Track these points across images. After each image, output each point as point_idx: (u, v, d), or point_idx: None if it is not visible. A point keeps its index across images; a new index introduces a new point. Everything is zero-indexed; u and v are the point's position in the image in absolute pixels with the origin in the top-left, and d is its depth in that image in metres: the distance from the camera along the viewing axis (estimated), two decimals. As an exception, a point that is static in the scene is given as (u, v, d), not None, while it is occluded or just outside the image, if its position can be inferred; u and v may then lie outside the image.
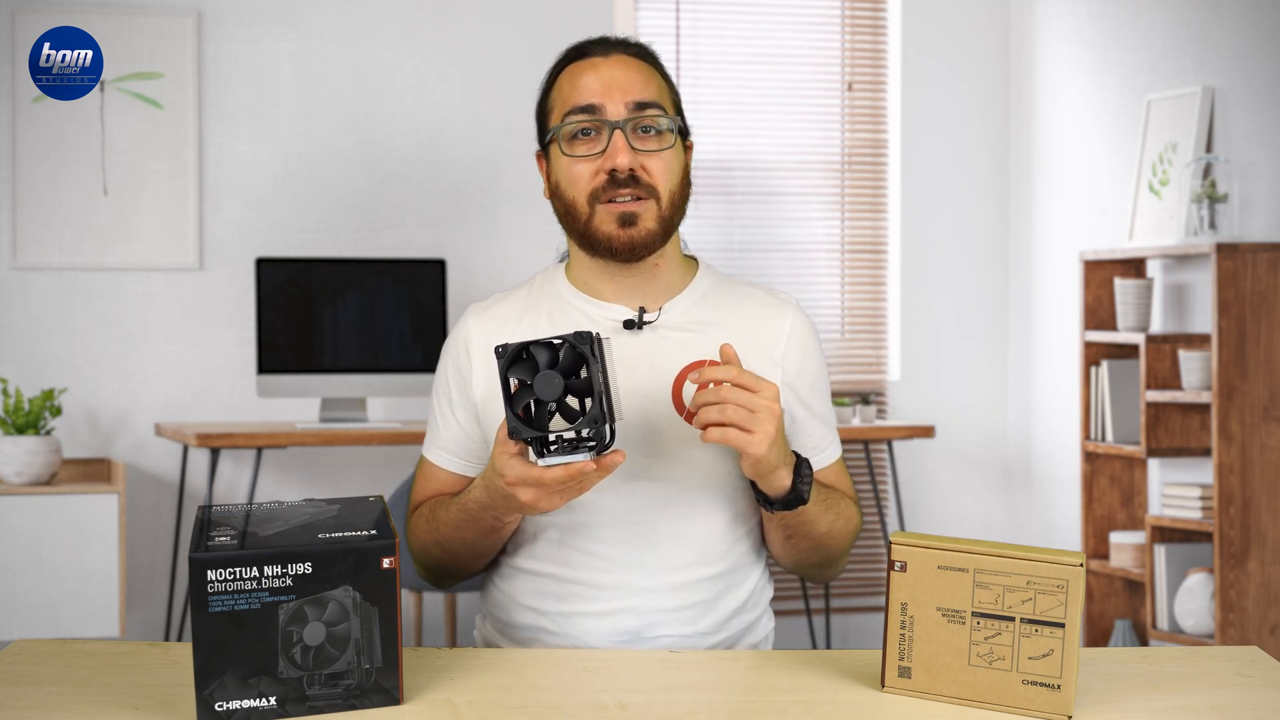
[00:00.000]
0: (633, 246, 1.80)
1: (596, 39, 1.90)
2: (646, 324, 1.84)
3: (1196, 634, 3.91)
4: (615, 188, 1.79)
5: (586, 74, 1.83)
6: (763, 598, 1.89)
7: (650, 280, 1.86)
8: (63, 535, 3.85)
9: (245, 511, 1.51)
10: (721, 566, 1.81)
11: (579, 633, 1.79)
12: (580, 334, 1.54)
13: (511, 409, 1.55)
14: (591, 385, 1.54)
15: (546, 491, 1.58)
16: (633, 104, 1.81)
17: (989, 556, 1.44)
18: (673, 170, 1.83)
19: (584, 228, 1.82)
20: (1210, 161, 4.04)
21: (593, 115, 1.80)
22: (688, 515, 1.80)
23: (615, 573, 1.79)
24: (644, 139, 1.81)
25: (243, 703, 1.37)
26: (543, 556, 1.82)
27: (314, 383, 4.25)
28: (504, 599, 1.86)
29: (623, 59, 1.85)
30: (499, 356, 1.56)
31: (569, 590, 1.80)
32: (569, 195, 1.82)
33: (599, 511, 1.79)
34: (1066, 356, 4.71)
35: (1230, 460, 3.79)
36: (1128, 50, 4.48)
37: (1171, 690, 1.52)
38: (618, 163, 1.78)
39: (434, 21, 4.63)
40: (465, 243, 4.62)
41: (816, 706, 1.46)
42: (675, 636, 1.78)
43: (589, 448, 1.55)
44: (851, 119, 5.03)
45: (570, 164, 1.82)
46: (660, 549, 1.79)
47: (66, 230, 4.38)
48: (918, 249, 5.01)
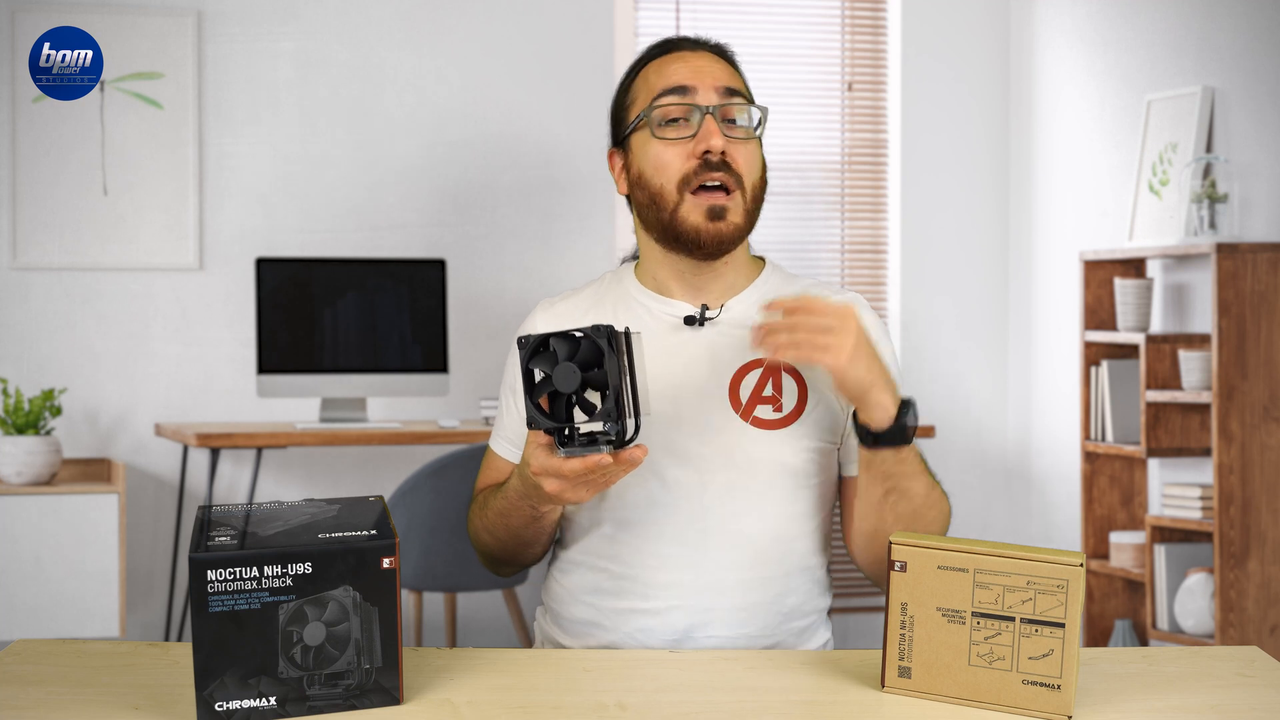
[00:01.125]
0: (720, 240, 1.80)
1: (682, 37, 1.92)
2: (708, 320, 1.83)
3: (1196, 634, 3.91)
4: (707, 171, 1.78)
5: (675, 63, 1.85)
6: (820, 604, 1.85)
7: (717, 278, 1.86)
8: (63, 535, 3.85)
9: (245, 511, 1.51)
10: (776, 568, 1.79)
11: (631, 629, 1.78)
12: (599, 327, 1.54)
13: (531, 399, 1.56)
14: (607, 379, 1.54)
15: (570, 483, 1.58)
16: (723, 89, 1.82)
17: (989, 556, 1.44)
18: (757, 161, 1.83)
19: (670, 218, 1.80)
20: (1210, 161, 4.04)
21: (684, 97, 1.81)
22: (742, 515, 1.78)
23: (667, 570, 1.78)
24: (732, 128, 1.82)
25: (243, 703, 1.37)
26: (596, 551, 1.82)
27: (314, 383, 4.25)
28: (561, 592, 1.86)
29: (708, 54, 1.87)
30: (520, 347, 1.56)
31: (622, 586, 1.79)
32: (656, 183, 1.81)
33: (651, 508, 1.78)
34: (1066, 356, 4.71)
35: (1230, 460, 3.78)
36: (1128, 50, 4.48)
37: (1171, 690, 1.52)
38: (711, 144, 1.78)
39: (434, 21, 4.63)
40: (465, 243, 4.62)
41: (816, 706, 1.45)
42: (725, 637, 1.77)
43: (608, 441, 1.55)
44: (851, 119, 5.03)
45: (661, 149, 1.80)
46: (713, 548, 1.78)
47: (66, 230, 4.38)
48: (918, 249, 5.01)
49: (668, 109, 1.81)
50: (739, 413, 1.79)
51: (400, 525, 3.72)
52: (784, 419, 1.80)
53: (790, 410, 1.81)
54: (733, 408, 1.79)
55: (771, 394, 1.80)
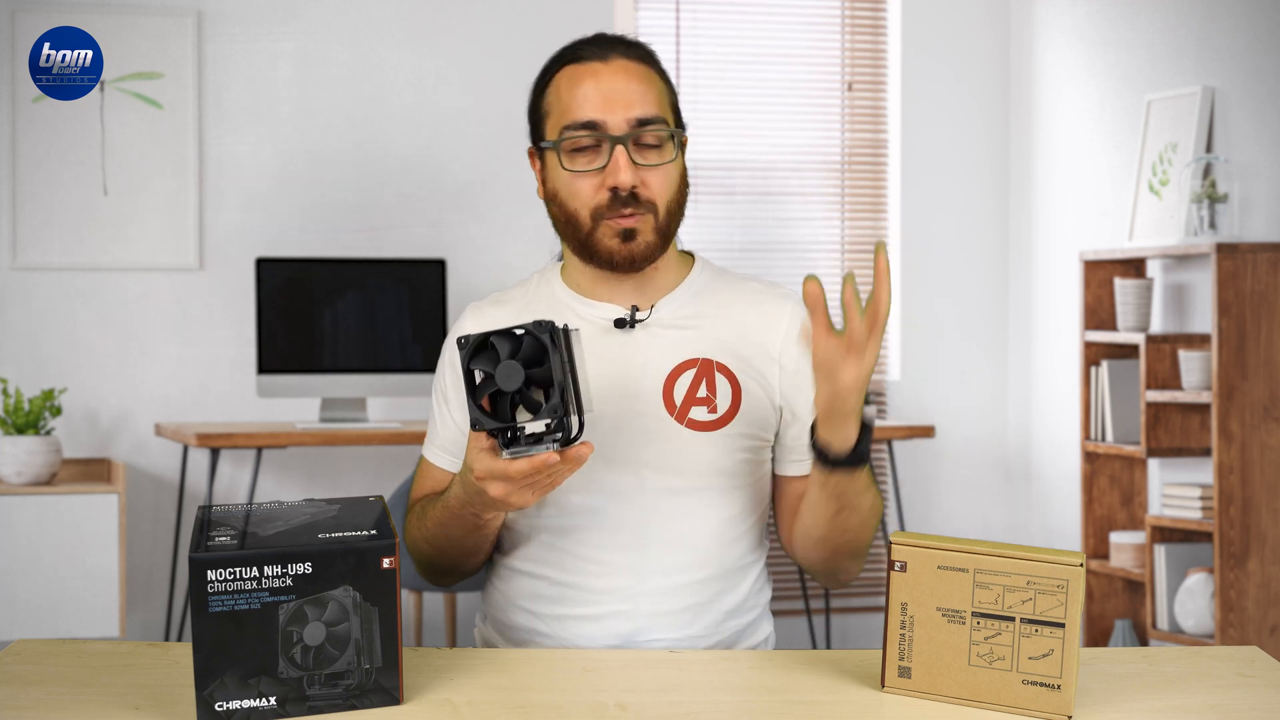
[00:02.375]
0: (633, 259, 1.80)
1: (591, 38, 1.87)
2: (638, 322, 1.83)
3: (1196, 634, 3.91)
4: (618, 205, 1.78)
5: (586, 82, 1.81)
6: (760, 599, 1.86)
7: (646, 280, 1.85)
8: (63, 535, 3.85)
9: (245, 511, 1.51)
10: (715, 569, 1.79)
11: (572, 636, 1.78)
12: (540, 323, 1.52)
13: (474, 400, 1.52)
14: (552, 376, 1.52)
15: (515, 485, 1.55)
16: (634, 120, 1.79)
17: (989, 556, 1.44)
18: (671, 181, 1.81)
19: (585, 239, 1.81)
20: (1210, 161, 4.04)
21: (593, 132, 1.79)
22: (679, 517, 1.78)
23: (607, 576, 1.77)
24: (645, 153, 1.80)
25: (243, 703, 1.37)
26: (536, 558, 1.81)
27: (314, 383, 4.25)
28: (501, 600, 1.85)
29: (622, 64, 1.82)
30: (460, 348, 1.53)
31: (562, 593, 1.79)
32: (570, 207, 1.81)
33: (589, 514, 1.78)
34: (1066, 356, 4.71)
35: (1230, 460, 3.78)
36: (1128, 50, 4.48)
37: (1171, 690, 1.51)
38: (620, 181, 1.77)
39: (434, 21, 4.63)
40: (465, 243, 4.62)
41: (816, 706, 1.45)
42: (669, 640, 1.77)
43: (554, 440, 1.53)
44: (851, 119, 5.03)
45: (571, 179, 1.80)
46: (651, 552, 1.77)
47: (66, 230, 4.38)
48: (918, 249, 5.01)
49: (576, 142, 1.80)
50: (674, 415, 1.79)
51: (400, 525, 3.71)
52: (718, 420, 1.80)
53: (725, 411, 1.80)
54: (667, 410, 1.79)
55: (705, 395, 1.80)
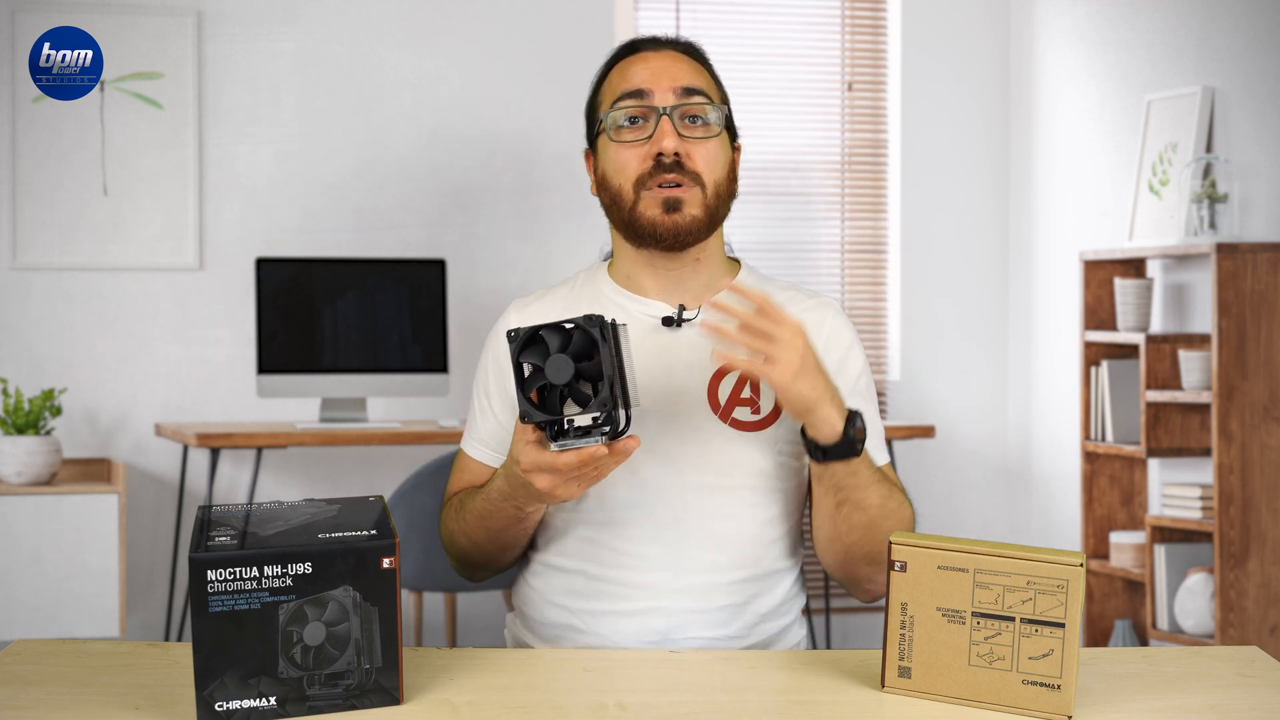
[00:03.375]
0: (677, 232, 1.80)
1: (648, 36, 1.92)
2: (685, 321, 1.83)
3: (1196, 634, 3.91)
4: (661, 172, 1.79)
5: (636, 65, 1.86)
6: (794, 605, 1.86)
7: (692, 275, 1.85)
8: (63, 535, 3.85)
9: (245, 511, 1.51)
10: (753, 570, 1.80)
11: (607, 631, 1.78)
12: (590, 317, 1.53)
13: (523, 393, 1.55)
14: (602, 369, 1.53)
15: (562, 478, 1.57)
16: (680, 89, 1.82)
17: (989, 556, 1.44)
18: (718, 160, 1.83)
19: (629, 215, 1.82)
20: (1210, 161, 4.04)
21: (640, 100, 1.82)
22: (719, 517, 1.78)
23: (644, 572, 1.78)
24: (691, 127, 1.82)
25: (243, 703, 1.37)
26: (573, 553, 1.81)
27: (314, 383, 4.25)
28: (534, 595, 1.85)
29: (673, 53, 1.87)
30: (510, 341, 1.55)
31: (598, 589, 1.79)
32: (615, 183, 1.83)
33: (629, 509, 1.78)
34: (1066, 356, 4.71)
35: (1230, 460, 3.78)
36: (1128, 50, 4.48)
37: (1171, 690, 1.52)
38: (664, 146, 1.79)
39: (434, 21, 4.63)
40: (465, 243, 4.62)
41: (816, 706, 1.45)
42: (703, 639, 1.77)
43: (602, 433, 1.54)
44: (851, 119, 5.03)
45: (617, 150, 1.82)
46: (690, 551, 1.78)
47: (66, 230, 4.38)
48: (918, 249, 5.01)
49: (624, 112, 1.82)
50: (718, 414, 1.79)
51: (400, 525, 3.71)
52: (761, 421, 1.81)
53: (768, 413, 1.81)
54: (711, 409, 1.79)
55: (750, 396, 1.81)
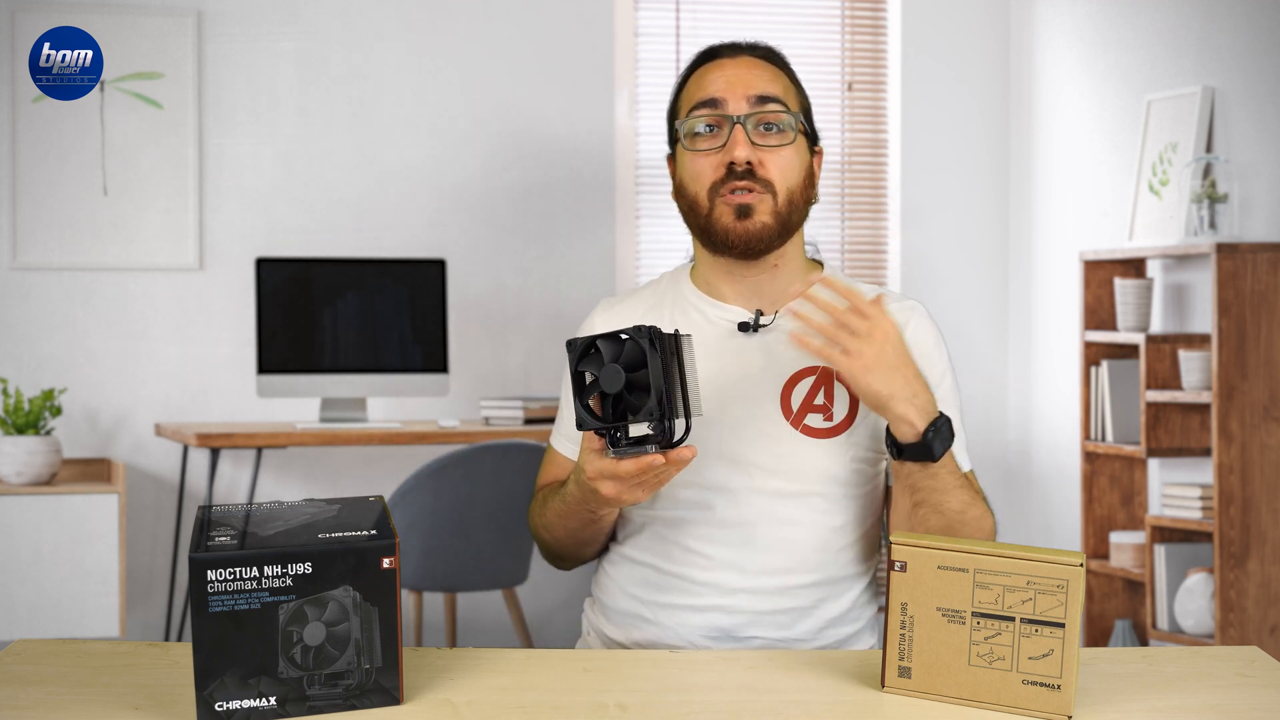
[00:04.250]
0: (749, 239, 1.81)
1: (727, 43, 1.92)
2: (761, 327, 1.85)
3: (1196, 634, 3.91)
4: (733, 179, 1.81)
5: (713, 72, 1.87)
6: (865, 612, 1.87)
7: (770, 281, 1.87)
8: (63, 535, 3.85)
9: (245, 511, 1.51)
10: (820, 575, 1.81)
11: (674, 624, 1.81)
12: (640, 328, 1.56)
13: (581, 401, 1.58)
14: (649, 380, 1.55)
15: (626, 484, 1.61)
16: (754, 98, 1.83)
17: (989, 556, 1.44)
18: (792, 168, 1.84)
19: (704, 222, 1.84)
20: (1210, 161, 4.04)
21: (714, 110, 1.83)
22: (788, 521, 1.81)
23: (710, 570, 1.81)
24: (765, 135, 1.83)
25: (243, 703, 1.37)
26: (646, 548, 1.85)
27: (314, 383, 4.25)
28: (611, 585, 1.89)
29: (750, 60, 1.88)
30: (569, 350, 1.59)
31: (667, 582, 1.83)
32: (690, 190, 1.85)
33: (698, 508, 1.81)
34: (1066, 356, 4.71)
35: (1230, 460, 3.78)
36: (1128, 50, 4.48)
37: (1171, 690, 1.52)
38: (735, 155, 1.80)
39: (434, 21, 4.63)
40: (465, 243, 4.62)
41: (816, 706, 1.45)
42: (768, 640, 1.80)
43: (656, 442, 1.57)
44: (851, 119, 5.03)
45: (692, 159, 1.84)
46: (758, 552, 1.80)
47: (66, 230, 4.38)
48: (918, 249, 5.01)
49: (697, 121, 1.85)
50: (790, 420, 1.81)
51: (400, 525, 3.72)
52: (834, 428, 1.82)
53: (841, 420, 1.83)
54: (784, 415, 1.81)
55: (823, 403, 1.82)
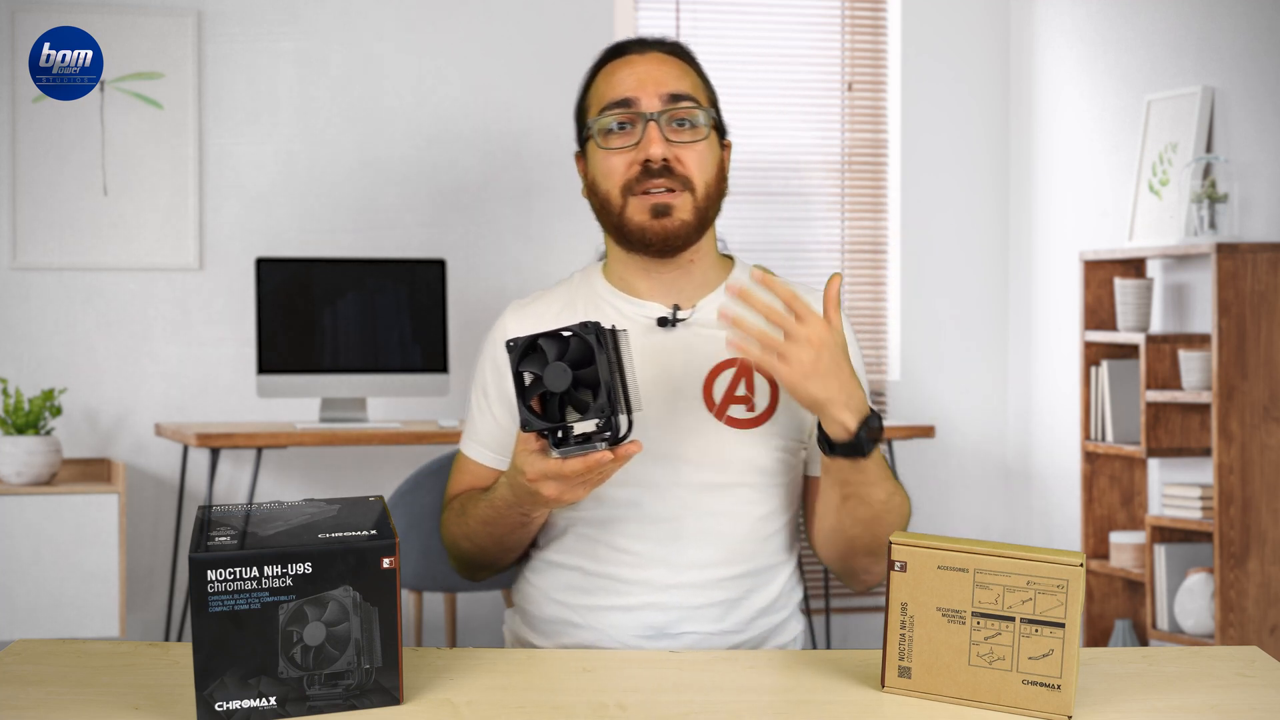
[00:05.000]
0: (666, 237, 1.81)
1: (634, 39, 1.92)
2: (680, 321, 1.84)
3: (1196, 634, 3.91)
4: (649, 178, 1.80)
5: (622, 70, 1.86)
6: (791, 599, 1.88)
7: (685, 276, 1.86)
8: (63, 535, 3.85)
9: (245, 511, 1.51)
10: (749, 566, 1.81)
11: (604, 626, 1.79)
12: (586, 324, 1.55)
13: (524, 402, 1.56)
14: (599, 376, 1.54)
15: (569, 484, 1.59)
16: (667, 95, 1.82)
17: (989, 556, 1.44)
18: (707, 163, 1.83)
19: (618, 220, 1.83)
20: (1210, 161, 4.04)
21: (627, 108, 1.82)
22: (715, 514, 1.80)
23: (641, 568, 1.79)
24: (678, 131, 1.82)
25: (243, 703, 1.37)
26: (572, 550, 1.83)
27: (314, 383, 4.25)
28: (534, 592, 1.87)
29: (659, 56, 1.87)
30: (510, 350, 1.57)
31: (596, 584, 1.81)
32: (603, 189, 1.84)
33: (628, 507, 1.80)
34: (1066, 356, 4.71)
35: (1230, 460, 3.78)
36: (1128, 50, 4.48)
37: (1171, 690, 1.52)
38: (651, 153, 1.79)
39: (434, 21, 4.63)
40: (465, 243, 4.62)
41: (816, 706, 1.45)
42: (700, 634, 1.79)
43: (603, 439, 1.56)
44: (851, 119, 5.03)
45: (605, 157, 1.83)
46: (687, 546, 1.80)
47: (66, 230, 4.38)
48: (918, 249, 5.01)
49: (610, 119, 1.83)
50: (713, 412, 1.81)
51: (400, 525, 3.71)
52: (756, 419, 1.83)
53: (763, 410, 1.83)
54: (707, 407, 1.81)
55: (744, 394, 1.82)
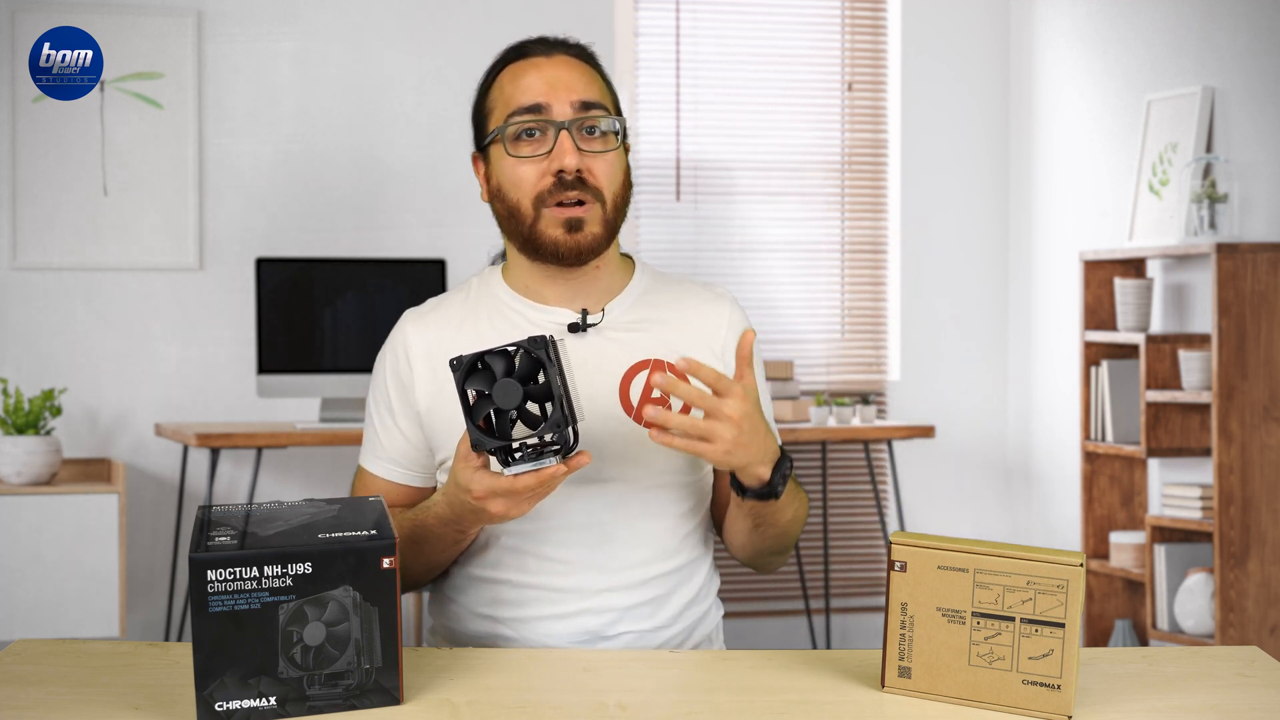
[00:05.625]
0: (579, 251, 1.79)
1: (536, 39, 1.88)
2: (590, 326, 1.83)
3: (1196, 634, 3.91)
4: (562, 190, 1.77)
5: (530, 73, 1.82)
6: (711, 589, 1.90)
7: (592, 282, 1.85)
8: (63, 535, 3.85)
9: (245, 511, 1.51)
10: (675, 562, 1.82)
11: (538, 636, 1.78)
12: (535, 339, 1.53)
13: (472, 421, 1.53)
14: (551, 389, 1.52)
15: (518, 500, 1.58)
16: (578, 103, 1.79)
17: (989, 556, 1.44)
18: (616, 172, 1.81)
19: (529, 232, 1.80)
20: (1210, 161, 4.04)
21: (538, 115, 1.79)
22: (642, 515, 1.80)
23: (573, 575, 1.78)
24: (589, 140, 1.80)
25: (243, 703, 1.37)
26: (498, 564, 1.80)
27: (314, 383, 4.25)
28: (457, 610, 1.84)
29: (565, 59, 1.84)
30: (454, 370, 1.53)
31: (526, 595, 1.79)
32: (513, 198, 1.80)
33: (555, 516, 1.78)
34: (1066, 356, 4.71)
35: (1230, 460, 3.78)
36: (1128, 50, 4.48)
37: (1171, 690, 1.51)
38: (565, 164, 1.76)
39: (434, 21, 4.63)
40: (465, 243, 4.62)
41: (816, 706, 1.45)
42: (634, 633, 1.79)
43: (553, 452, 1.54)
44: (851, 119, 5.03)
45: (514, 165, 1.79)
46: (617, 549, 1.79)
47: (66, 230, 4.38)
48: (918, 249, 5.01)
49: (521, 126, 1.79)
50: (631, 415, 1.80)
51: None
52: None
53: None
54: (624, 410, 1.80)
55: (659, 395, 1.81)
